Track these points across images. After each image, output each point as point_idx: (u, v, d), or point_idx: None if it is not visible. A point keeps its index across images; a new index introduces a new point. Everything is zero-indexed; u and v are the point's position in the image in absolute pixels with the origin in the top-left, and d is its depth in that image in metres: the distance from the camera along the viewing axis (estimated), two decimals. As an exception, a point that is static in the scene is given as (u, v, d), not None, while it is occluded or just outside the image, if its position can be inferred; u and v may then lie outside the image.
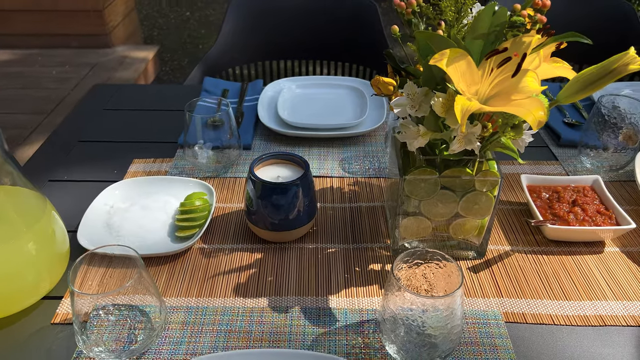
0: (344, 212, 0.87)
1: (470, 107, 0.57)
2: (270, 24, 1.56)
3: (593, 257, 0.78)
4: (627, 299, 0.72)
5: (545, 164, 1.00)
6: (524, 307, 0.71)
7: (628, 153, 0.92)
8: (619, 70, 0.60)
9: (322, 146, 1.04)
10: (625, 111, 0.91)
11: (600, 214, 0.81)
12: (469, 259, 0.79)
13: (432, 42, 0.61)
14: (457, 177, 0.71)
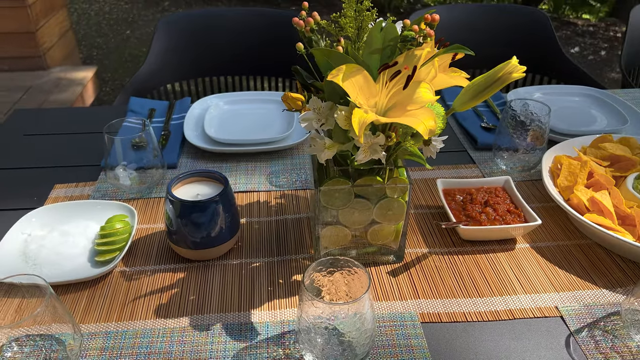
0: (270, 226, 0.88)
1: (367, 119, 0.60)
2: (201, 41, 1.56)
3: (505, 254, 0.83)
4: (535, 292, 0.76)
5: (463, 167, 1.04)
6: (439, 306, 0.74)
7: (537, 153, 0.97)
8: (504, 78, 0.64)
9: (250, 161, 1.05)
10: (532, 113, 0.97)
11: (510, 212, 0.85)
12: (390, 263, 0.81)
13: (330, 58, 0.63)
14: (369, 186, 0.74)
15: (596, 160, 0.94)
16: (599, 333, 0.70)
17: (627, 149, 0.95)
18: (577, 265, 0.81)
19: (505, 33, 1.61)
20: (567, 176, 0.89)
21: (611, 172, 0.91)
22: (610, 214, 0.81)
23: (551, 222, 0.89)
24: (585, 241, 0.85)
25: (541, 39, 1.59)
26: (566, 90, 1.27)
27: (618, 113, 1.16)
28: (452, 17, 1.63)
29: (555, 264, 0.81)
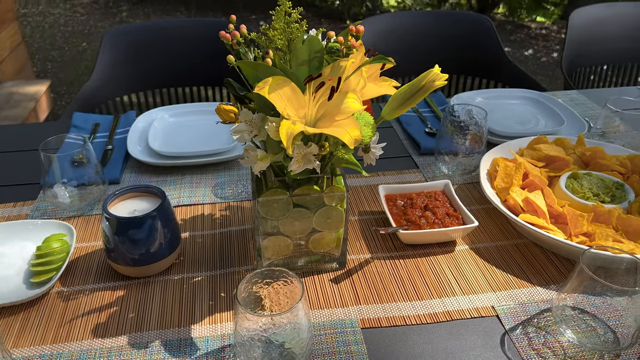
0: (213, 239, 0.88)
1: (295, 130, 0.61)
2: (153, 53, 1.55)
3: (445, 257, 0.84)
4: (473, 292, 0.78)
5: (407, 172, 1.06)
6: (379, 311, 0.75)
7: (476, 156, 1.00)
8: (427, 86, 0.66)
9: (196, 174, 1.04)
10: (470, 117, 1.00)
11: (449, 215, 0.87)
12: (333, 270, 0.82)
13: (257, 71, 0.64)
14: (306, 195, 0.74)
15: (532, 161, 0.97)
16: (532, 330, 0.72)
17: (562, 150, 0.99)
18: (514, 264, 0.83)
19: (454, 39, 1.65)
20: (504, 178, 0.92)
21: (546, 173, 0.95)
22: (543, 213, 0.84)
23: (490, 223, 0.92)
24: (522, 240, 0.88)
25: (487, 44, 1.64)
26: (507, 94, 1.31)
27: (556, 114, 1.21)
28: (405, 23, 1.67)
29: (493, 264, 0.83)
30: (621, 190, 0.89)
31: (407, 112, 1.26)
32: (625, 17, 1.70)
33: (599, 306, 0.70)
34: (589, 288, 0.66)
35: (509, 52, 4.68)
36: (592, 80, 1.74)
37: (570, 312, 0.70)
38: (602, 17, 1.70)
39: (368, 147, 0.84)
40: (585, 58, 1.69)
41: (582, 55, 1.68)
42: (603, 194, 0.88)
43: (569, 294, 0.68)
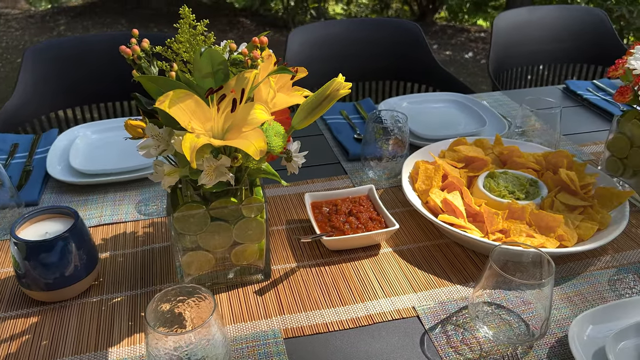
0: (135, 257, 0.86)
1: (198, 144, 0.60)
2: (73, 69, 1.50)
3: (369, 261, 0.86)
4: (395, 294, 0.79)
5: (335, 179, 1.07)
6: (302, 320, 0.75)
7: (399, 160, 1.02)
8: (332, 95, 0.66)
9: (119, 191, 1.01)
10: (392, 122, 1.02)
11: (372, 220, 0.89)
12: (258, 282, 0.82)
13: (158, 85, 0.63)
14: (224, 208, 0.74)
15: (452, 162, 1.00)
16: (451, 328, 0.74)
17: (480, 150, 1.02)
18: (436, 264, 0.85)
19: (385, 46, 1.69)
20: (424, 180, 0.94)
21: (465, 173, 0.98)
22: (460, 213, 0.86)
23: (413, 225, 0.94)
24: (443, 240, 0.90)
25: (416, 50, 1.68)
26: (433, 98, 1.35)
27: (479, 116, 1.25)
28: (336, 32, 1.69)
29: (416, 265, 0.85)
30: (535, 186, 0.93)
31: (337, 119, 1.27)
32: (547, 19, 1.78)
33: (512, 300, 0.72)
34: (501, 283, 0.68)
35: (449, 56, 4.84)
36: (518, 81, 1.81)
37: (486, 308, 0.73)
38: (525, 21, 1.77)
39: (290, 156, 0.84)
40: (511, 60, 1.77)
41: (507, 57, 1.75)
42: (518, 191, 0.91)
43: (482, 291, 0.70)
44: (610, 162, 1.01)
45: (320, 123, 1.28)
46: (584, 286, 0.80)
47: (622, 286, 0.81)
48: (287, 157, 0.84)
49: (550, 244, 0.81)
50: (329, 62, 1.65)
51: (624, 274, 0.83)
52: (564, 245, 0.82)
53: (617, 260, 0.85)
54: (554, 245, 0.81)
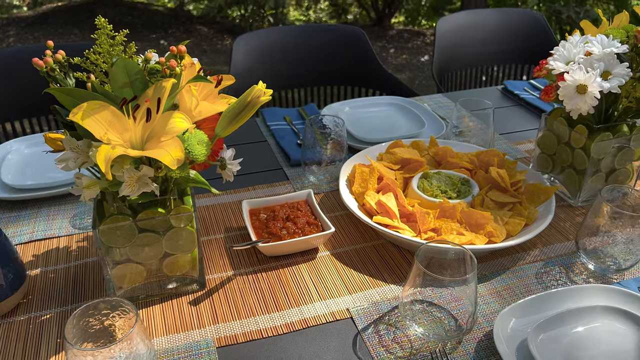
0: (68, 272, 0.84)
1: (112, 155, 0.59)
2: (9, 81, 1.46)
3: (307, 265, 0.86)
4: (330, 297, 0.80)
5: (277, 185, 1.07)
6: (237, 328, 0.74)
7: (338, 164, 1.03)
8: (253, 102, 0.67)
9: (53, 205, 0.99)
10: (329, 127, 1.03)
11: (309, 224, 0.89)
12: (193, 292, 0.81)
13: (73, 97, 0.62)
14: (151, 219, 0.73)
15: (388, 165, 1.01)
16: (383, 327, 0.75)
17: (416, 152, 1.04)
18: (371, 265, 0.86)
19: (330, 51, 1.71)
20: (361, 183, 0.96)
21: (401, 175, 1.00)
22: (394, 213, 0.88)
23: (352, 228, 0.95)
24: (380, 241, 0.91)
25: (361, 54, 1.70)
26: (375, 102, 1.37)
27: (418, 118, 1.27)
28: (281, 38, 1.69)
29: (352, 267, 0.86)
30: (467, 185, 0.95)
31: (281, 125, 1.28)
32: (487, 22, 1.84)
33: (444, 297, 0.74)
34: (429, 281, 0.69)
35: (406, 59, 4.92)
36: (461, 83, 1.86)
37: (417, 306, 0.74)
38: (467, 23, 1.82)
39: (224, 163, 0.84)
40: (454, 62, 1.81)
41: (451, 60, 1.80)
42: (450, 190, 0.94)
43: (412, 289, 0.72)
44: (541, 159, 1.05)
45: (264, 129, 1.28)
46: (513, 280, 0.83)
47: (548, 279, 0.83)
48: (221, 165, 0.84)
49: (479, 240, 0.83)
50: (274, 69, 1.65)
51: (551, 266, 0.86)
52: (493, 241, 0.84)
53: (545, 253, 0.88)
54: (483, 241, 0.83)
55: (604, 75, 0.86)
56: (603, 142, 0.92)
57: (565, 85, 0.86)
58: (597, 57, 0.85)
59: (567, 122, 0.96)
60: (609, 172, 0.97)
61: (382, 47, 5.25)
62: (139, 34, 5.32)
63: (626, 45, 0.85)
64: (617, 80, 0.84)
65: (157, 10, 6.13)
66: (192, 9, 6.22)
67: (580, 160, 0.95)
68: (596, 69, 0.84)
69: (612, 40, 0.86)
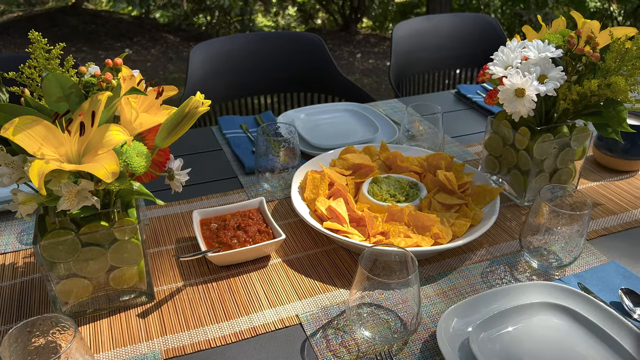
0: (13, 289, 0.82)
1: (45, 170, 0.59)
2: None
3: (258, 273, 0.86)
4: (280, 304, 0.80)
5: (231, 193, 1.08)
6: (185, 339, 0.74)
7: (291, 171, 1.04)
8: (192, 113, 0.67)
9: (0, 222, 0.97)
10: (281, 134, 1.04)
11: (260, 232, 0.90)
12: (142, 304, 0.80)
13: (5, 112, 0.61)
14: (94, 232, 0.72)
15: (340, 170, 1.03)
16: (331, 332, 0.76)
17: (368, 157, 1.06)
18: (322, 270, 0.87)
19: (289, 58, 1.72)
20: (312, 189, 0.97)
21: (353, 180, 1.01)
22: (343, 219, 0.89)
23: (304, 234, 0.95)
24: (331, 246, 0.92)
25: (319, 61, 1.72)
26: (330, 108, 1.38)
27: (372, 124, 1.29)
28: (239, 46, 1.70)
29: (303, 273, 0.86)
30: (415, 189, 0.97)
31: (237, 133, 1.28)
32: (442, 27, 1.88)
33: (391, 299, 0.75)
34: (375, 284, 0.70)
35: (373, 64, 4.97)
36: (418, 88, 1.90)
37: (365, 309, 0.75)
38: (422, 29, 1.86)
39: (172, 174, 0.84)
40: (411, 67, 1.84)
41: (407, 65, 1.83)
42: (399, 194, 0.96)
43: (359, 293, 0.73)
44: (488, 160, 1.08)
45: (220, 138, 1.28)
46: (459, 280, 0.85)
47: (493, 277, 0.86)
48: (169, 176, 0.84)
49: (425, 242, 0.85)
50: (231, 77, 1.66)
51: (497, 265, 0.88)
52: (439, 242, 0.86)
53: (491, 253, 0.91)
54: (429, 243, 0.85)
55: (541, 78, 0.89)
56: (544, 143, 0.95)
57: (504, 89, 0.89)
58: (534, 61, 0.88)
59: (511, 125, 0.99)
60: (552, 172, 1.01)
61: (349, 52, 5.29)
62: (103, 42, 5.24)
63: (561, 50, 0.89)
64: (552, 84, 0.87)
65: (121, 19, 6.04)
66: (159, 16, 6.16)
67: (524, 161, 0.98)
68: (532, 73, 0.87)
69: (547, 45, 0.90)
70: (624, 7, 5.82)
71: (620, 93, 0.85)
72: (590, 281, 0.84)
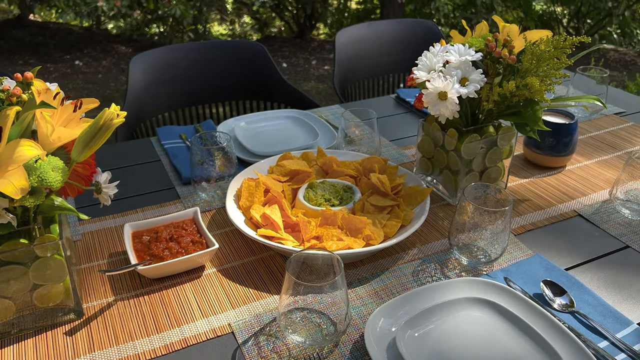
0: None
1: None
2: None
3: (191, 284, 0.86)
4: (213, 314, 0.80)
5: (168, 204, 1.06)
6: (113, 354, 0.73)
7: (228, 180, 1.04)
8: (107, 125, 0.67)
9: None
10: (215, 143, 1.04)
11: (194, 243, 0.89)
12: (71, 321, 0.79)
13: None
14: (12, 250, 0.70)
15: (277, 177, 1.03)
16: (263, 338, 0.76)
17: (305, 163, 1.07)
18: (257, 278, 0.87)
19: (231, 67, 1.72)
20: (248, 197, 0.97)
21: (290, 186, 1.02)
22: (278, 225, 0.90)
23: (241, 243, 0.95)
24: (267, 253, 0.93)
25: (264, 69, 1.72)
26: (270, 115, 1.39)
27: (313, 130, 1.31)
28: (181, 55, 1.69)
29: (237, 282, 0.86)
30: (349, 192, 0.99)
31: (176, 144, 1.27)
32: (383, 33, 1.92)
33: (323, 302, 0.76)
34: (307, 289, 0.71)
35: (327, 70, 5.01)
36: (362, 93, 1.93)
37: (298, 314, 0.76)
38: (363, 35, 1.89)
39: (99, 187, 0.83)
40: (354, 74, 1.87)
41: (351, 71, 1.85)
42: (333, 198, 0.97)
43: (289, 298, 0.73)
44: (422, 162, 1.11)
45: (159, 148, 1.27)
46: (391, 280, 0.87)
47: (424, 275, 0.88)
48: (96, 189, 0.83)
49: (357, 244, 0.86)
50: (173, 86, 1.64)
51: (428, 263, 0.90)
52: (371, 243, 0.88)
53: (423, 251, 0.93)
54: (361, 245, 0.87)
55: (462, 81, 0.92)
56: (471, 144, 0.98)
57: (427, 92, 0.92)
58: (455, 65, 0.92)
59: (440, 127, 1.02)
60: (481, 171, 1.04)
61: (304, 59, 5.32)
62: (52, 55, 5.09)
63: (480, 53, 0.92)
64: (473, 86, 0.90)
65: (71, 30, 5.90)
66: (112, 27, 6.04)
67: (453, 162, 1.01)
68: (454, 77, 0.90)
69: (468, 48, 0.93)
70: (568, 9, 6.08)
71: (536, 93, 0.89)
72: (516, 275, 0.87)
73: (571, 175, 1.16)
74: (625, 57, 5.56)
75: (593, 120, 1.42)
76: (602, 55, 5.54)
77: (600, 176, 1.16)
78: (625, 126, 1.39)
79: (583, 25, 5.88)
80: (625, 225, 1.00)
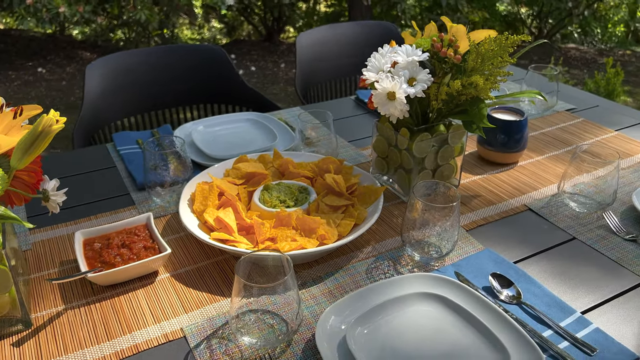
0: None
1: None
2: None
3: (144, 290, 0.85)
4: (165, 319, 0.80)
5: (122, 211, 1.05)
6: (61, 364, 0.72)
7: (183, 185, 1.03)
8: (46, 131, 0.66)
9: None
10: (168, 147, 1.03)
11: (146, 248, 0.89)
12: (19, 332, 0.77)
13: None
14: (-47, 262, 0.69)
15: (232, 180, 1.03)
16: (215, 342, 0.76)
17: (261, 165, 1.07)
18: (211, 281, 0.87)
19: (191, 71, 1.71)
20: (202, 200, 0.97)
21: (245, 189, 1.02)
22: (231, 228, 0.90)
23: (195, 247, 0.95)
24: (222, 257, 0.93)
25: (224, 73, 1.72)
26: (229, 119, 1.39)
27: (272, 132, 1.31)
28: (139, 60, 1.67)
29: (191, 286, 0.86)
30: (305, 193, 1.00)
31: (132, 149, 1.25)
32: (342, 36, 1.94)
33: (277, 303, 0.76)
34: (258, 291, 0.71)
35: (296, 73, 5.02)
36: (323, 95, 1.94)
37: (252, 316, 0.76)
38: (323, 38, 1.91)
39: (47, 195, 0.82)
40: (316, 76, 1.88)
41: (312, 73, 1.87)
42: (288, 199, 0.97)
43: (241, 300, 0.73)
44: (377, 161, 1.12)
45: (114, 154, 1.25)
46: (345, 278, 0.88)
47: (377, 273, 0.89)
48: (44, 197, 0.81)
49: (311, 244, 0.87)
50: (131, 92, 1.63)
51: (381, 261, 0.92)
52: (325, 243, 0.89)
53: (377, 249, 0.94)
54: (314, 244, 0.87)
55: (410, 81, 0.94)
56: (423, 142, 1.00)
57: (377, 93, 0.93)
58: (402, 65, 0.93)
59: (393, 127, 1.04)
60: (434, 169, 1.06)
61: (273, 62, 5.32)
62: (13, 62, 4.97)
63: (427, 53, 0.94)
64: (420, 86, 0.92)
65: (33, 37, 5.76)
66: (77, 33, 5.93)
67: (406, 160, 1.03)
68: (401, 77, 0.92)
69: (415, 49, 0.95)
70: (531, 10, 6.23)
71: (481, 91, 0.92)
72: (466, 269, 0.89)
73: (522, 171, 1.20)
74: (585, 55, 5.74)
75: (545, 117, 1.46)
76: (564, 54, 5.69)
77: (550, 171, 1.20)
78: (576, 122, 1.44)
79: (545, 25, 6.04)
80: (572, 218, 1.03)
